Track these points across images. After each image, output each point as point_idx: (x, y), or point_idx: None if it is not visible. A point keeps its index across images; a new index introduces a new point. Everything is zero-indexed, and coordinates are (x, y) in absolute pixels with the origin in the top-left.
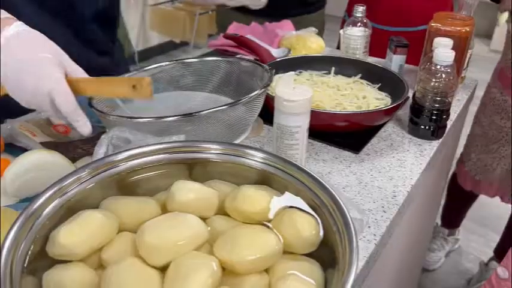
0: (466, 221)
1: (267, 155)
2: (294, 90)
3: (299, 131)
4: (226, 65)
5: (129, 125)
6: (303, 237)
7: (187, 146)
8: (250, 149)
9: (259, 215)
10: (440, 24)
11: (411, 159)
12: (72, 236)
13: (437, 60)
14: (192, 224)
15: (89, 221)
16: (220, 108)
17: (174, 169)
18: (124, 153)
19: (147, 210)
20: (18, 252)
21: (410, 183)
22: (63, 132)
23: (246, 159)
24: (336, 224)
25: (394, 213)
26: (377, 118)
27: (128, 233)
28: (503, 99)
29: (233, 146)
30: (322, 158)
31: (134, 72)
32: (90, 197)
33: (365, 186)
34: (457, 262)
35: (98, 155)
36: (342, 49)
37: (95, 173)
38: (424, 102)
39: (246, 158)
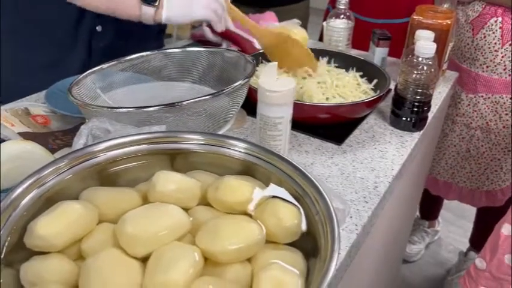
0: (445, 212)
1: (250, 145)
2: (277, 80)
3: (282, 121)
4: (209, 55)
5: (109, 115)
6: (285, 227)
7: (169, 136)
8: (233, 139)
9: (242, 205)
10: (422, 17)
11: (393, 150)
12: (50, 227)
13: (418, 53)
14: (173, 214)
15: (67, 212)
16: (202, 99)
17: (156, 160)
18: (104, 144)
19: (127, 200)
20: None
21: (391, 174)
22: (42, 123)
23: (229, 150)
24: (318, 213)
25: (376, 203)
26: (359, 110)
27: (108, 223)
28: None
29: (215, 136)
30: (305, 149)
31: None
32: (69, 187)
33: (347, 177)
34: (437, 253)
35: (77, 145)
36: (325, 41)
37: (74, 163)
38: (406, 94)
39: (228, 149)
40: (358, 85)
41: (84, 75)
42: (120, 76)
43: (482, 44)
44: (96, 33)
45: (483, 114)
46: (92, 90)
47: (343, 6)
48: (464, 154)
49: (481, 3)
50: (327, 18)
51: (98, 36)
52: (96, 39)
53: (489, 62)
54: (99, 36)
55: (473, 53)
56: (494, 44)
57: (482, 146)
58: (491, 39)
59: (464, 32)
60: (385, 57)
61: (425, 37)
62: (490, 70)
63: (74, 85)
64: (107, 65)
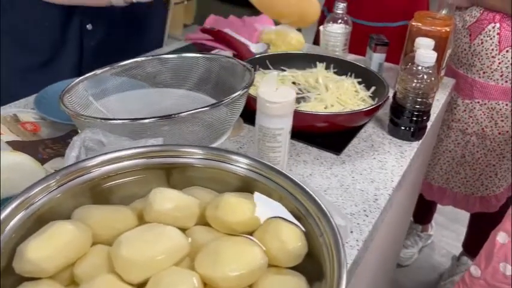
0: (438, 216)
1: (250, 161)
2: (277, 91)
3: (282, 133)
4: (206, 61)
5: (103, 126)
6: (289, 250)
7: (167, 150)
8: (233, 154)
9: (242, 225)
10: (421, 24)
11: (392, 161)
12: (40, 251)
13: (419, 61)
14: (172, 236)
15: (59, 234)
16: (200, 110)
17: (151, 175)
18: (97, 159)
19: (122, 220)
20: None
21: (391, 186)
22: (32, 130)
23: (228, 165)
24: (322, 235)
25: (376, 217)
26: (358, 119)
27: (102, 246)
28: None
29: (215, 150)
30: (303, 159)
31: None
32: (61, 206)
33: (347, 189)
34: (430, 257)
35: (69, 158)
36: (322, 45)
37: (65, 180)
38: (405, 103)
39: (228, 164)
40: (356, 92)
41: (75, 82)
42: (113, 82)
43: (479, 50)
44: (87, 32)
45: (479, 120)
46: (84, 98)
47: (340, 11)
48: (459, 160)
49: (479, 8)
50: (324, 23)
51: (88, 34)
52: (87, 37)
53: (486, 68)
54: (90, 35)
55: (470, 58)
56: (491, 50)
57: (478, 152)
58: (488, 45)
59: (462, 37)
60: (382, 62)
61: (426, 45)
62: (486, 76)
63: (66, 93)
64: (100, 71)
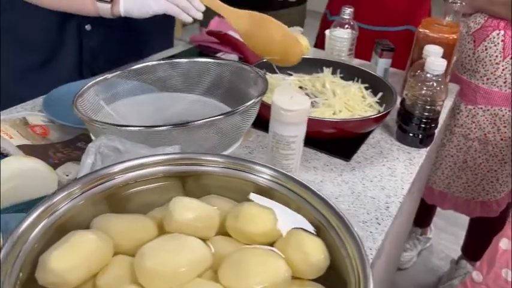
0: (437, 220)
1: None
2: (292, 98)
3: (296, 140)
4: (217, 67)
5: (117, 132)
6: (312, 263)
7: (188, 158)
8: (254, 163)
9: (263, 236)
10: (428, 30)
11: (401, 168)
12: (64, 261)
13: (429, 69)
14: (195, 247)
15: (82, 244)
16: (215, 118)
17: (168, 182)
18: (120, 166)
19: (143, 230)
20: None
21: (402, 194)
22: (41, 134)
23: (246, 174)
24: (344, 246)
25: (389, 225)
26: (367, 126)
27: (124, 256)
28: None
29: (236, 160)
30: (313, 165)
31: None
32: (80, 214)
33: (358, 196)
34: (428, 260)
35: (85, 165)
36: (327, 50)
37: (87, 187)
38: (414, 110)
39: (245, 172)
40: (363, 98)
41: (87, 86)
42: (124, 86)
43: (483, 56)
44: (85, 32)
45: (481, 126)
46: (96, 102)
47: (347, 16)
48: (461, 165)
49: (484, 15)
50: (331, 27)
51: (87, 35)
52: (87, 38)
53: (489, 75)
54: (88, 35)
55: (474, 64)
56: (495, 56)
57: (479, 157)
58: (492, 51)
59: (466, 43)
60: (388, 68)
61: (435, 53)
62: (490, 82)
63: (78, 97)
64: (111, 75)
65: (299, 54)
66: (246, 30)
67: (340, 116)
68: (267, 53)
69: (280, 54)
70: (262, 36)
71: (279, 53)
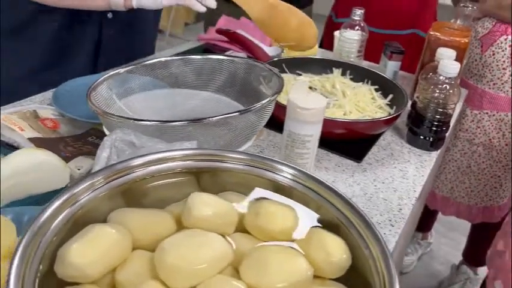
0: (437, 225)
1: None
2: (308, 96)
3: (311, 140)
4: (230, 64)
5: (132, 126)
6: (334, 262)
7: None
8: (274, 161)
9: (283, 234)
10: (439, 34)
11: (413, 170)
12: (84, 255)
13: (442, 72)
14: (216, 243)
15: (102, 238)
16: (231, 115)
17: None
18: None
19: (161, 225)
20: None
21: (414, 196)
22: (52, 127)
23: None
24: (367, 247)
25: (402, 227)
26: (378, 127)
27: (143, 251)
28: None
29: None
30: (325, 165)
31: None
32: (97, 208)
33: (370, 197)
34: (429, 264)
35: (100, 159)
36: (335, 51)
37: (108, 180)
38: (426, 113)
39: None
40: (373, 99)
41: (100, 80)
42: (136, 81)
43: (490, 61)
44: (107, 20)
45: (487, 131)
46: (108, 96)
47: (358, 17)
48: (464, 169)
49: (492, 20)
50: (341, 28)
51: (108, 23)
52: (107, 26)
53: (496, 80)
54: (109, 24)
55: (481, 69)
56: (502, 62)
57: (484, 163)
58: (500, 56)
59: (473, 48)
60: (397, 71)
61: (448, 56)
62: (496, 88)
63: (92, 90)
64: (124, 70)
65: (314, 39)
66: (260, 17)
67: (351, 117)
68: (283, 40)
69: (296, 40)
70: (278, 24)
71: (295, 39)
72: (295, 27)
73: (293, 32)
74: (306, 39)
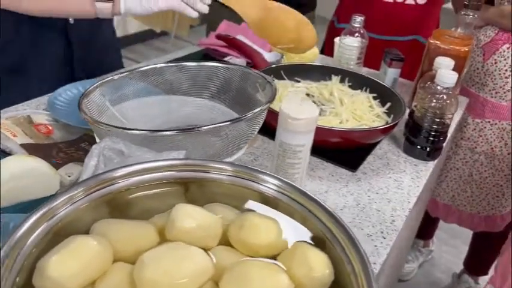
0: (439, 232)
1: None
2: (300, 107)
3: (303, 150)
4: (225, 71)
5: (121, 135)
6: (316, 278)
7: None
8: (260, 172)
9: (267, 248)
10: (439, 42)
11: (408, 180)
12: (63, 268)
13: (439, 81)
14: (196, 258)
15: (82, 250)
16: (221, 125)
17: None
18: (122, 170)
19: (144, 237)
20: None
21: (408, 207)
22: (45, 133)
23: (252, 183)
24: (350, 262)
25: (394, 239)
26: (374, 136)
27: (124, 264)
28: None
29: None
30: (319, 174)
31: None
32: (79, 219)
33: (363, 208)
34: (430, 273)
35: (88, 167)
36: (335, 57)
37: (88, 191)
38: (423, 123)
39: (251, 181)
40: (370, 107)
41: (93, 86)
42: (130, 88)
43: (492, 70)
44: (70, 26)
45: (488, 140)
46: (101, 103)
47: (358, 24)
48: (466, 178)
49: (494, 28)
50: (341, 35)
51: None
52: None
53: (498, 88)
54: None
55: (483, 78)
56: (505, 70)
57: (485, 171)
58: (502, 65)
59: (475, 56)
60: (397, 78)
61: (446, 65)
62: (498, 96)
63: (84, 97)
64: (118, 76)
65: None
66: (255, 20)
67: (347, 125)
68: (281, 42)
69: (294, 42)
70: (275, 26)
71: (292, 40)
72: (292, 29)
73: (290, 34)
74: (304, 40)
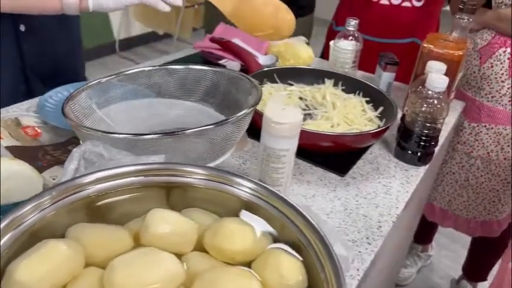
0: (438, 236)
1: (253, 185)
2: (284, 111)
3: (287, 154)
4: (213, 75)
5: (104, 139)
6: (288, 285)
7: (168, 168)
8: (236, 176)
9: (241, 255)
10: (433, 46)
11: (397, 186)
12: (31, 272)
13: (429, 86)
14: (167, 263)
15: (51, 254)
16: (205, 128)
17: (151, 193)
18: (94, 175)
19: (117, 241)
20: None
21: (395, 213)
22: (33, 135)
23: (230, 187)
24: (324, 271)
25: (379, 245)
26: (365, 140)
27: (95, 268)
28: None
29: (217, 171)
30: (307, 179)
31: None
32: (55, 223)
33: (350, 213)
34: (428, 278)
35: (68, 171)
36: (330, 61)
37: (61, 196)
38: (414, 127)
39: (230, 186)
40: (363, 111)
41: (79, 89)
42: (117, 91)
43: (489, 74)
44: (21, 34)
45: (485, 144)
46: (87, 106)
47: (352, 27)
48: (462, 183)
49: (491, 32)
50: (335, 38)
51: (23, 36)
52: (23, 39)
53: (495, 93)
54: (24, 36)
55: (479, 82)
56: (501, 74)
57: (482, 176)
58: (498, 69)
59: (471, 59)
60: (392, 82)
61: (437, 69)
62: (495, 100)
63: (69, 100)
64: (105, 79)
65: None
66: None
67: (339, 129)
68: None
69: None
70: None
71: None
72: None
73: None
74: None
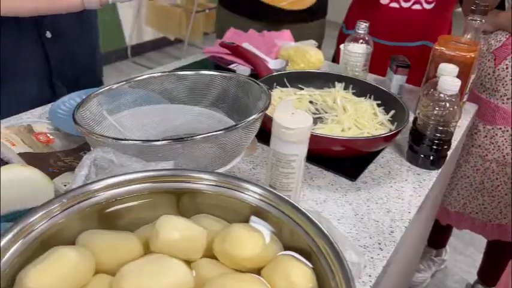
0: (454, 240)
1: (263, 191)
2: (293, 116)
3: (296, 159)
4: (223, 80)
5: (114, 145)
6: None
7: (177, 175)
8: (245, 182)
9: (251, 261)
10: (444, 48)
11: (409, 190)
12: (42, 280)
13: (441, 89)
14: (176, 271)
15: (62, 261)
16: (214, 133)
17: (160, 199)
18: (104, 182)
19: (127, 248)
20: None
21: (408, 218)
22: (45, 142)
23: (240, 193)
24: (334, 279)
25: (391, 251)
26: (376, 144)
27: (105, 275)
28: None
29: (226, 177)
30: (318, 183)
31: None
32: (66, 229)
33: (361, 218)
34: (443, 283)
35: (78, 177)
36: (341, 64)
37: (71, 203)
38: (426, 131)
39: (239, 192)
40: (374, 115)
41: (90, 96)
42: (128, 97)
43: (503, 75)
44: (46, 40)
45: (500, 147)
46: (98, 112)
47: (362, 31)
48: (477, 186)
49: (505, 33)
50: (345, 42)
51: (49, 42)
52: (49, 45)
53: (510, 94)
54: (50, 43)
55: (494, 83)
56: None
57: (497, 179)
58: None
59: (486, 61)
60: (403, 84)
61: (449, 72)
62: (510, 102)
63: (79, 107)
64: (116, 85)
65: None
66: None
67: (349, 133)
68: None
69: None
70: None
71: None
72: None
73: None
74: None
